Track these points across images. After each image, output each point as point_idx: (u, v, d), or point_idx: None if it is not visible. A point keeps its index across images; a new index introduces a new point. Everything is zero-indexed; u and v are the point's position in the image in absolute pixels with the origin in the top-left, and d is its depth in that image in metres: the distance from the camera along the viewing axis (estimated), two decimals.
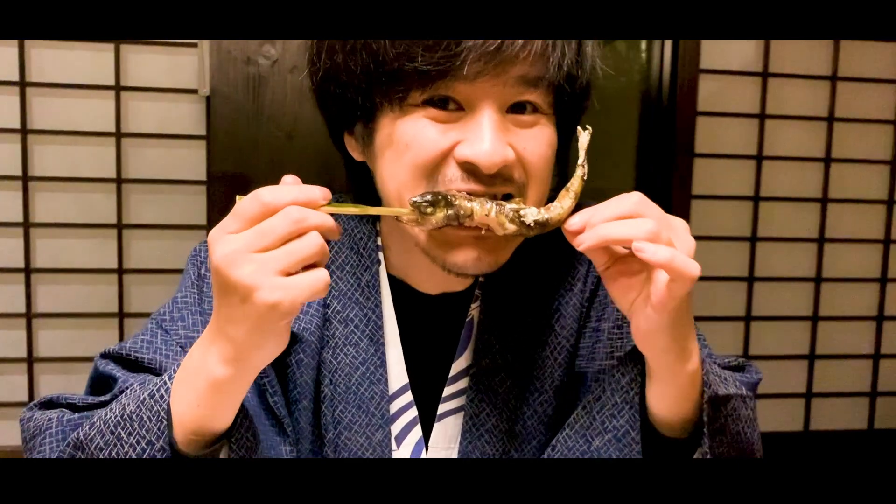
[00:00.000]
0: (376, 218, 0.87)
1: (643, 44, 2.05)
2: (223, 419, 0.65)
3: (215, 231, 0.60)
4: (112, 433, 0.65)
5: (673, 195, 2.03)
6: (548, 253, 0.85)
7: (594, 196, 0.77)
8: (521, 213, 0.68)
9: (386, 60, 0.69)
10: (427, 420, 0.86)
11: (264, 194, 0.59)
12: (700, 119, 2.03)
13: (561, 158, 0.79)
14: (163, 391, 0.64)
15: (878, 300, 2.20)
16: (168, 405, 0.64)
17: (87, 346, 1.83)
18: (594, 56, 0.77)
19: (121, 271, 1.83)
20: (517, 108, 0.72)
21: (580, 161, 0.69)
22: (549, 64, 0.70)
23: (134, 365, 0.78)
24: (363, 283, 0.84)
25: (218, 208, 1.75)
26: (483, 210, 0.67)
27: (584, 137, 0.69)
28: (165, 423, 0.63)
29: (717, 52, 2.02)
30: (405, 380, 0.85)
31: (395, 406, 0.85)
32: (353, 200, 0.87)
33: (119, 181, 1.80)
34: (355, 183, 0.86)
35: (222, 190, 1.75)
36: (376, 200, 0.80)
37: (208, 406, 0.63)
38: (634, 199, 0.65)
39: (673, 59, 2.01)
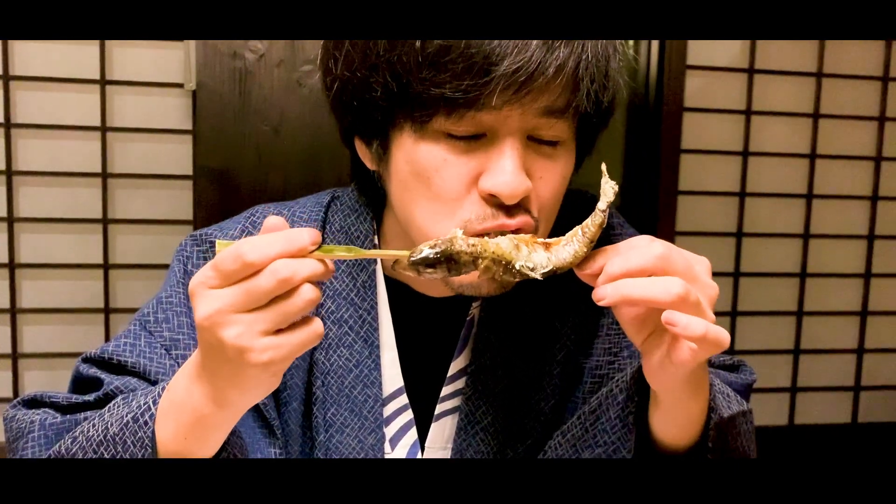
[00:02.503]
0: (375, 216, 0.85)
1: (630, 40, 2.05)
2: (210, 449, 0.64)
3: (196, 283, 0.57)
4: (95, 452, 0.64)
5: (660, 191, 2.03)
6: None
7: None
8: (529, 268, 0.63)
9: (410, 83, 0.66)
10: (424, 421, 0.85)
11: (247, 252, 0.54)
12: (686, 115, 2.03)
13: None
14: (147, 417, 0.62)
15: (863, 295, 2.22)
16: (153, 432, 0.62)
17: (72, 341, 1.82)
18: (618, 74, 0.72)
19: (106, 266, 1.81)
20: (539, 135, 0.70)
21: (601, 207, 0.62)
22: (578, 92, 0.67)
23: (117, 368, 0.76)
24: (359, 284, 0.83)
25: (204, 203, 1.75)
26: (489, 273, 0.62)
27: (608, 188, 0.63)
28: (150, 450, 0.62)
29: (703, 49, 2.03)
30: (400, 382, 0.84)
31: (389, 409, 0.83)
32: (353, 198, 0.86)
33: (104, 176, 1.78)
34: (362, 183, 0.84)
35: (209, 185, 1.74)
36: (383, 202, 0.81)
37: (194, 438, 0.62)
38: (658, 252, 0.59)
39: (660, 55, 2.01)
